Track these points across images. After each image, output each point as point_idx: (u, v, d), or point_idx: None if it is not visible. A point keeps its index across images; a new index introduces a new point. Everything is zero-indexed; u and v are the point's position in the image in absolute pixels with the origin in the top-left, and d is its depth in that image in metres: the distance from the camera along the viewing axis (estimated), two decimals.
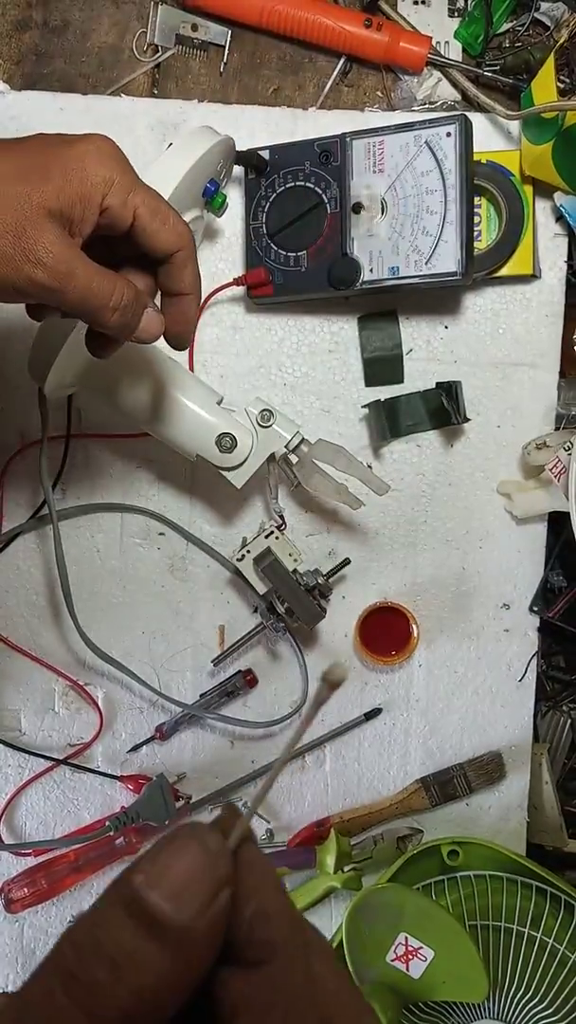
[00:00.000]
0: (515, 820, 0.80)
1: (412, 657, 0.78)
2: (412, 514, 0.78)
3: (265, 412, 0.68)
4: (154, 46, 0.76)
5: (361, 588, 0.78)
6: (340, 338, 0.76)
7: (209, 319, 0.76)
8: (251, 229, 0.73)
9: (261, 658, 0.79)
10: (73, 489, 0.77)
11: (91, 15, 0.75)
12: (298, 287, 0.72)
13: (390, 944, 0.61)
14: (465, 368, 0.77)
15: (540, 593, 0.78)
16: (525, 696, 0.79)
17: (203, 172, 0.65)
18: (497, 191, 0.72)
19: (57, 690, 0.78)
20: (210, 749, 0.79)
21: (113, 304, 0.45)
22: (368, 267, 0.70)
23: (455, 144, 0.67)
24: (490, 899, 0.69)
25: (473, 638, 0.79)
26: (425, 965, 0.60)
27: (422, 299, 0.76)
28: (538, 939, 0.65)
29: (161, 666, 0.78)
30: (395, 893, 0.63)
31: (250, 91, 0.76)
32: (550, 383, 0.77)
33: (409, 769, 0.80)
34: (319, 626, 0.76)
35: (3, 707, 0.78)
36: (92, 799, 0.79)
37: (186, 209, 0.66)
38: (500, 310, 0.76)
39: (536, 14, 0.75)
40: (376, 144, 0.69)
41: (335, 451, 0.69)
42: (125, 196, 0.45)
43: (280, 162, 0.72)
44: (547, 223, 0.75)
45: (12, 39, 0.75)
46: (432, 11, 0.76)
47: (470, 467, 0.78)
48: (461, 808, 0.80)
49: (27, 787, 0.78)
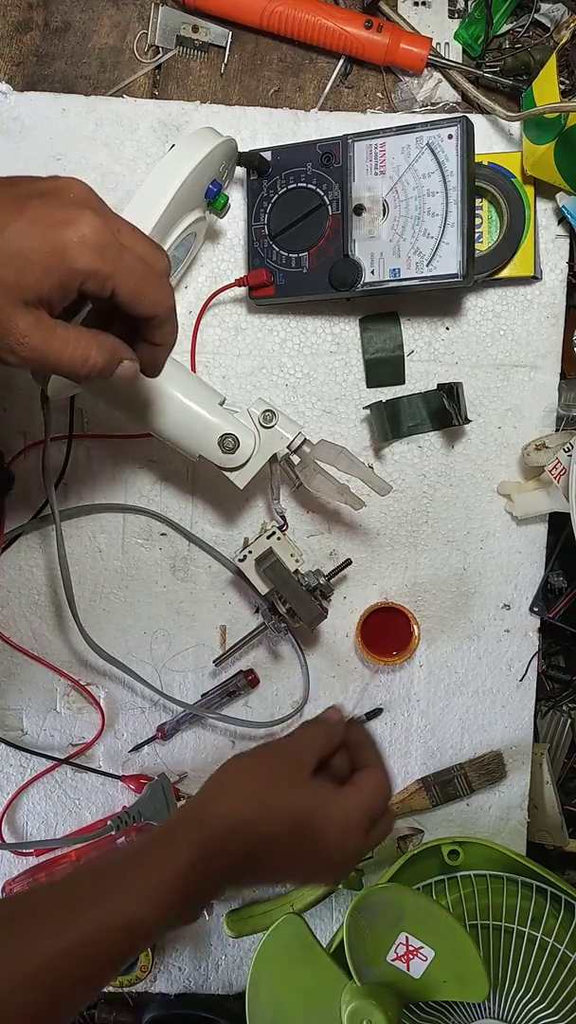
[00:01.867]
0: (515, 820, 0.80)
1: (413, 657, 0.78)
2: (413, 515, 0.78)
3: (267, 413, 0.68)
4: (155, 47, 0.76)
5: (362, 588, 0.78)
6: (342, 339, 0.76)
7: (211, 320, 0.76)
8: (253, 230, 0.73)
9: (263, 658, 0.79)
10: (75, 489, 0.77)
11: (92, 16, 0.75)
12: (299, 288, 0.72)
13: (391, 944, 0.61)
14: (466, 369, 0.77)
15: (540, 593, 0.78)
16: (525, 696, 0.80)
17: (205, 173, 0.65)
18: (498, 193, 0.72)
19: (59, 690, 0.79)
20: (211, 749, 0.79)
21: (87, 370, 0.48)
22: (369, 269, 0.70)
23: (456, 146, 0.67)
24: (490, 899, 0.69)
25: (474, 638, 0.79)
26: (426, 965, 0.60)
27: (424, 301, 0.76)
28: (538, 939, 0.65)
29: (163, 666, 0.78)
30: (396, 893, 0.63)
31: (251, 92, 0.76)
32: (551, 384, 0.77)
33: (410, 769, 0.80)
34: (320, 626, 0.76)
35: (5, 707, 0.78)
36: (93, 799, 0.79)
37: (188, 210, 0.66)
38: (501, 312, 0.76)
39: (536, 15, 0.75)
40: (378, 146, 0.69)
41: (337, 452, 0.69)
42: (103, 282, 0.46)
43: (282, 163, 0.72)
44: (548, 225, 0.75)
45: (13, 40, 0.75)
46: (432, 12, 0.76)
47: (471, 468, 0.78)
48: (462, 808, 0.80)
49: (28, 787, 0.78)
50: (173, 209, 0.62)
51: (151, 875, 0.47)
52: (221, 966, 0.81)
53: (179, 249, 0.69)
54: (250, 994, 0.64)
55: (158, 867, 0.48)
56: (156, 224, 0.61)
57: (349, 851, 0.53)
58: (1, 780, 0.79)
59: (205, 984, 0.81)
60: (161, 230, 0.63)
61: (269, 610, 0.73)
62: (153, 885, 0.47)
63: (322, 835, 0.51)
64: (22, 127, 0.73)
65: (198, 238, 0.71)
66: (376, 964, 0.61)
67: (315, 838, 0.51)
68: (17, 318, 0.44)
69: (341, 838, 0.52)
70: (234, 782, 0.53)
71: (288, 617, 0.72)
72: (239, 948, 0.81)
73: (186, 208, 0.65)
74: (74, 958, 0.43)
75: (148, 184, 0.62)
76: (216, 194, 0.67)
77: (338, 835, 0.52)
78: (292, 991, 0.63)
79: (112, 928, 0.45)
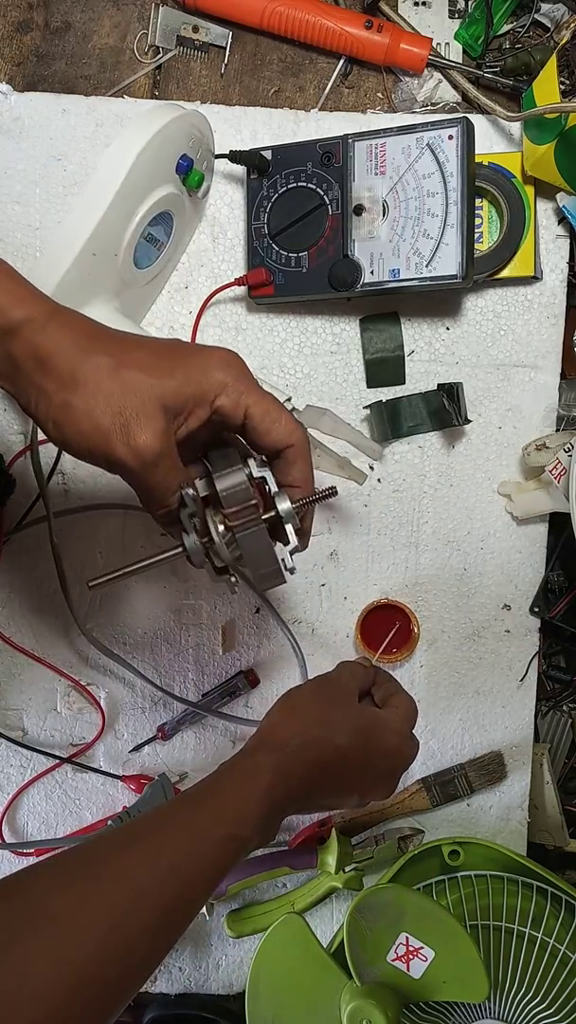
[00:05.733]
0: (516, 820, 0.80)
1: (413, 655, 0.78)
2: (413, 515, 0.78)
3: None
4: (155, 47, 0.76)
5: (363, 589, 0.78)
6: (342, 339, 0.76)
7: (211, 319, 0.76)
8: (253, 229, 0.73)
9: (263, 658, 0.79)
10: (75, 489, 0.77)
11: (92, 17, 0.75)
12: (299, 288, 0.72)
13: (391, 944, 0.61)
14: (466, 369, 0.77)
15: (541, 594, 0.78)
16: (526, 696, 0.80)
17: (170, 146, 0.65)
18: (498, 193, 0.72)
19: (59, 690, 0.79)
20: (212, 749, 0.79)
21: (168, 504, 0.50)
22: (369, 269, 0.70)
23: (457, 147, 0.67)
24: (491, 899, 0.69)
25: (474, 639, 0.79)
26: (426, 965, 0.60)
27: (424, 301, 0.76)
28: (539, 939, 0.65)
29: (163, 666, 0.79)
30: (396, 893, 0.63)
31: (251, 92, 0.76)
32: (551, 384, 0.77)
33: (410, 769, 0.79)
34: (320, 626, 0.76)
35: (6, 707, 0.78)
36: (94, 799, 0.79)
37: (157, 184, 0.66)
38: (501, 312, 0.76)
39: (536, 15, 0.75)
40: (378, 146, 0.69)
41: (321, 413, 0.68)
42: (237, 398, 0.50)
43: (282, 163, 0.72)
44: (549, 225, 0.75)
45: (13, 40, 0.75)
46: (432, 12, 0.76)
47: (471, 468, 0.78)
48: (462, 808, 0.80)
49: (29, 787, 0.79)
50: (135, 178, 0.63)
51: (239, 795, 0.52)
52: (221, 966, 0.81)
53: (157, 228, 0.69)
54: (250, 994, 0.64)
55: (243, 790, 0.52)
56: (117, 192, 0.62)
57: (405, 755, 0.62)
58: (1, 780, 0.79)
59: (205, 984, 0.81)
60: (124, 199, 0.63)
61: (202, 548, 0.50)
62: (243, 804, 0.51)
63: (383, 741, 0.60)
64: (22, 127, 0.74)
65: (180, 217, 0.70)
66: (376, 964, 0.61)
67: (377, 743, 0.59)
68: (153, 417, 0.47)
69: (397, 744, 0.61)
70: (299, 707, 0.59)
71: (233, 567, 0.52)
72: (239, 948, 0.81)
73: (153, 181, 0.65)
74: (180, 875, 0.46)
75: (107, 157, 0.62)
76: (188, 169, 0.67)
77: (395, 741, 0.61)
78: (292, 991, 0.63)
79: (216, 841, 0.49)
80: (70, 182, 0.74)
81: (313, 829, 0.78)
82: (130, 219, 0.65)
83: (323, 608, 0.79)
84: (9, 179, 0.74)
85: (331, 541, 0.78)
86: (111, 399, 0.46)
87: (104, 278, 0.66)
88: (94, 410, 0.46)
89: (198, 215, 0.75)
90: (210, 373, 0.49)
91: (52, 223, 0.74)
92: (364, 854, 0.75)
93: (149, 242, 0.69)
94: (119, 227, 0.65)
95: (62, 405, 0.46)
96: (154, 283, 0.73)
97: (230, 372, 0.50)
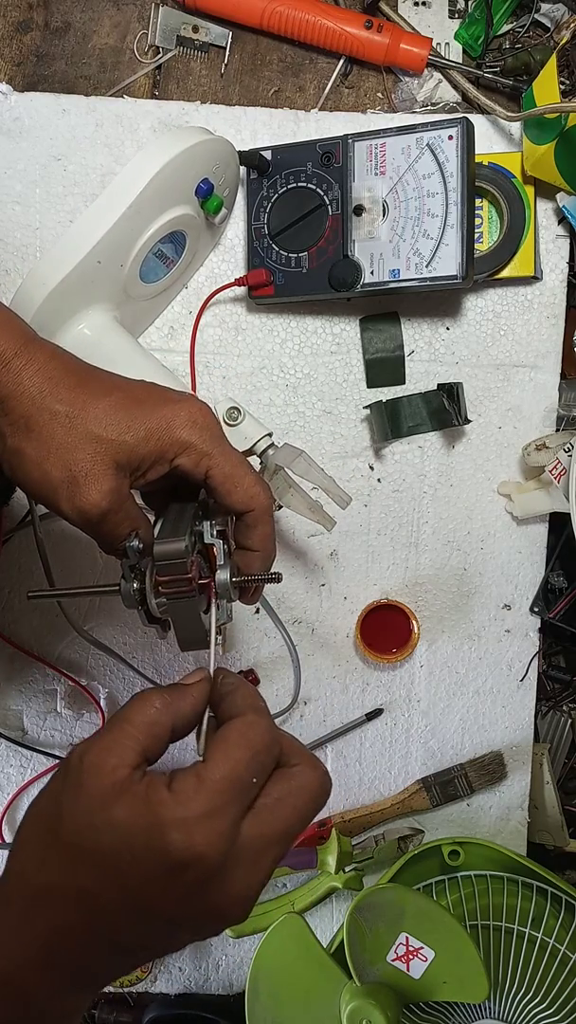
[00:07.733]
0: (516, 820, 0.80)
1: (413, 655, 0.78)
2: (413, 515, 0.78)
3: (232, 410, 0.66)
4: (155, 47, 0.76)
5: (363, 589, 0.78)
6: (342, 339, 0.76)
7: (211, 320, 0.76)
8: (253, 229, 0.73)
9: (263, 659, 0.79)
10: None
11: (92, 17, 0.75)
12: (299, 288, 0.72)
13: (391, 944, 0.61)
14: (466, 369, 0.77)
15: (541, 594, 0.78)
16: (526, 696, 0.80)
17: (191, 167, 0.65)
18: (498, 193, 0.72)
19: (59, 690, 0.79)
20: None
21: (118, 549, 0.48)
22: (369, 269, 0.70)
23: (457, 147, 0.67)
24: (491, 899, 0.69)
25: (474, 639, 0.79)
26: (426, 965, 0.60)
27: (424, 301, 0.76)
28: (539, 939, 0.65)
29: (163, 666, 0.79)
30: (396, 893, 0.64)
31: (251, 92, 0.76)
32: (551, 385, 0.77)
33: (410, 769, 0.80)
34: (320, 626, 0.76)
35: (6, 707, 0.78)
36: None
37: (173, 203, 0.66)
38: (501, 312, 0.76)
39: (536, 15, 0.75)
40: (378, 146, 0.69)
41: (296, 454, 0.66)
42: (198, 460, 0.48)
43: (282, 163, 0.72)
44: (549, 225, 0.75)
45: (13, 40, 0.75)
46: (432, 12, 0.76)
47: (471, 468, 0.78)
48: (462, 808, 0.80)
49: (29, 787, 0.79)
50: (152, 193, 0.62)
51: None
52: (221, 966, 0.81)
53: (167, 245, 0.69)
54: (250, 994, 0.64)
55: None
56: (131, 204, 0.62)
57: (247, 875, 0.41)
58: (1, 780, 0.79)
59: (205, 984, 0.81)
60: (138, 212, 0.63)
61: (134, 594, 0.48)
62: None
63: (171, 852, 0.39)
64: (22, 127, 0.74)
65: (194, 238, 0.71)
66: (376, 964, 0.61)
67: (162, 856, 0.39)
68: (103, 476, 0.46)
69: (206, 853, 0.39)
70: (22, 838, 0.43)
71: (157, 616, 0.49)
72: (239, 948, 0.81)
73: (170, 200, 0.65)
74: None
75: (127, 170, 0.62)
76: (208, 193, 0.67)
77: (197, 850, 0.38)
78: (292, 991, 0.63)
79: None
80: (70, 182, 0.74)
81: (313, 829, 0.78)
82: (141, 233, 0.65)
83: (323, 608, 0.78)
84: (9, 179, 0.74)
85: (331, 541, 0.78)
86: (61, 453, 0.45)
87: (106, 287, 0.66)
88: (44, 462, 0.45)
89: (214, 239, 0.75)
90: (173, 431, 0.47)
91: (52, 223, 0.74)
92: (364, 854, 0.75)
93: (159, 258, 0.69)
94: (128, 239, 0.64)
95: (15, 450, 0.46)
96: (160, 298, 0.73)
97: (194, 431, 0.48)
